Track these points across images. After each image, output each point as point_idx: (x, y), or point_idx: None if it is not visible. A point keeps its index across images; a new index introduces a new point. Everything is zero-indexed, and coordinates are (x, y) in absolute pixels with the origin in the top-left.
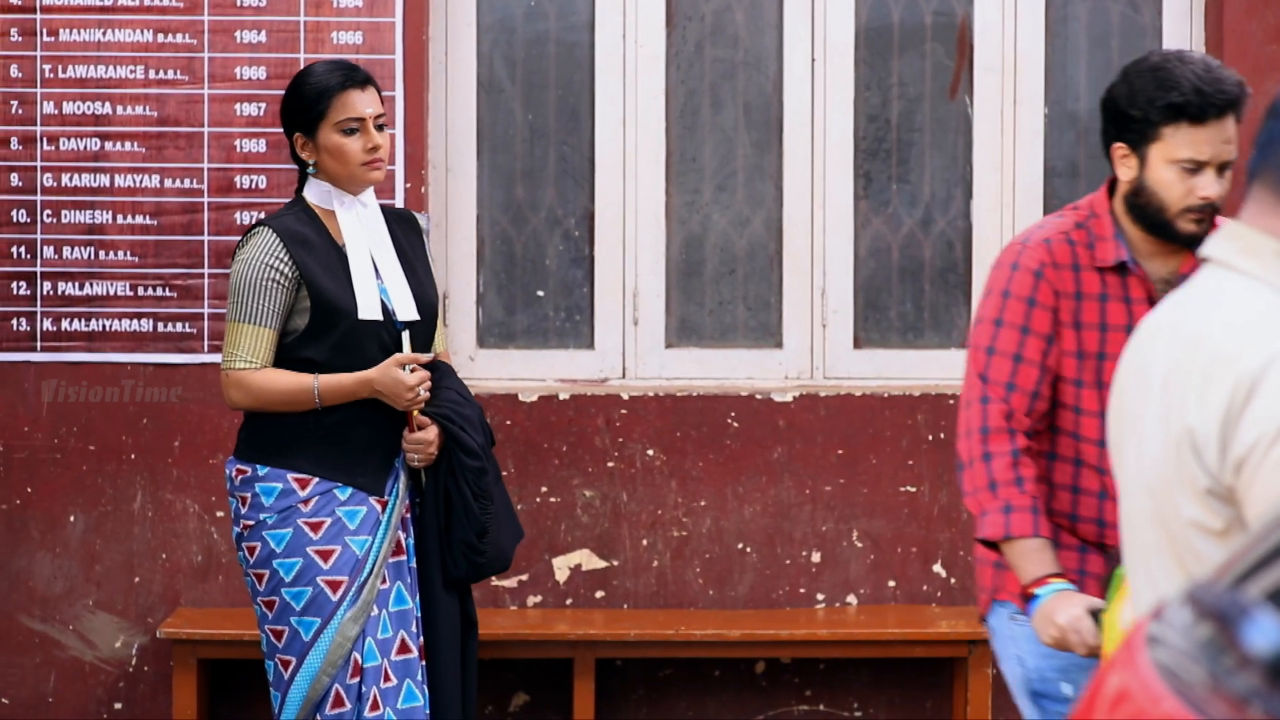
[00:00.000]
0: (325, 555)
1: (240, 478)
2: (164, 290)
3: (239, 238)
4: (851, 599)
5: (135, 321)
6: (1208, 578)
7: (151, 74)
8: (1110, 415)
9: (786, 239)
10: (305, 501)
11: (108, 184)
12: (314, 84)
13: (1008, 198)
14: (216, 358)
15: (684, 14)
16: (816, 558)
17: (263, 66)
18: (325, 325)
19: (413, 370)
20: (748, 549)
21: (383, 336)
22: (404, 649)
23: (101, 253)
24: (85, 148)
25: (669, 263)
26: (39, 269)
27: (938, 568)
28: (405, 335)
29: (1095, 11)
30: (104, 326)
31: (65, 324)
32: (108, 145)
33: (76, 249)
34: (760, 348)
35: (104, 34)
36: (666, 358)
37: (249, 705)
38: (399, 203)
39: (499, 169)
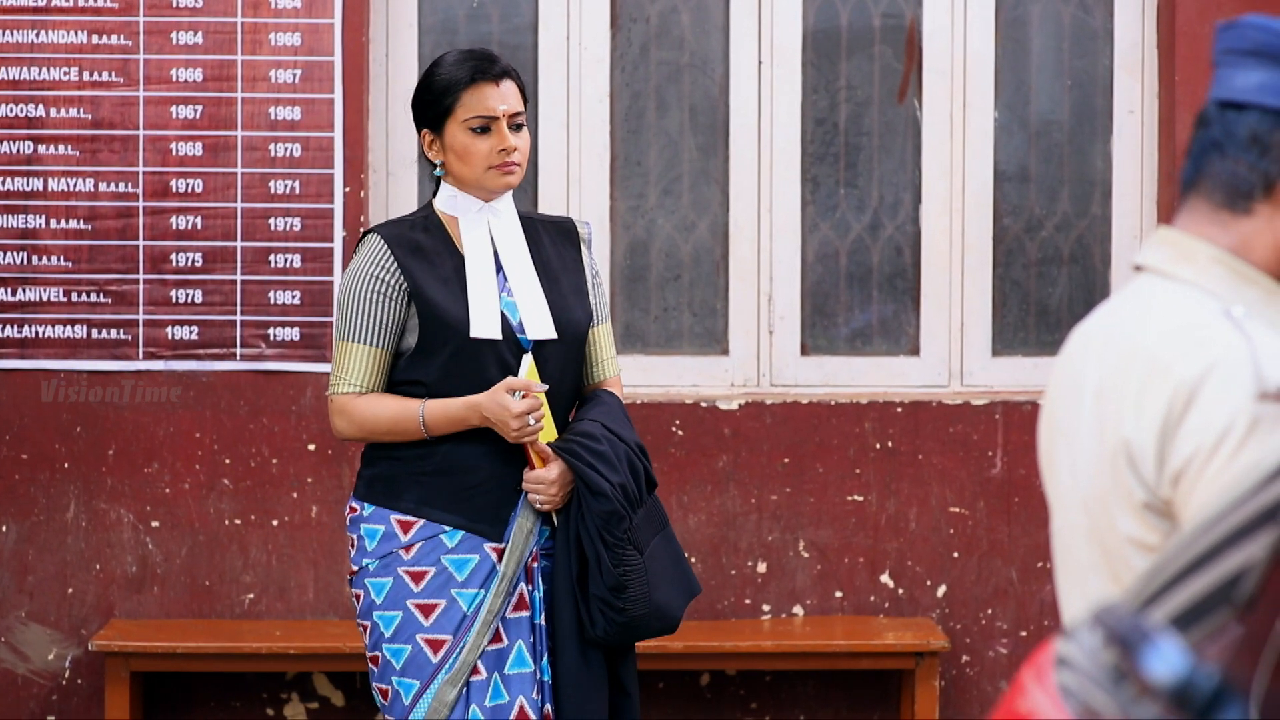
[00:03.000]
0: (427, 610)
1: (350, 516)
2: (98, 296)
3: (175, 243)
4: (798, 610)
5: (68, 328)
6: (1117, 600)
7: (85, 76)
8: (1041, 426)
9: (733, 244)
10: (407, 548)
11: (40, 188)
12: (442, 76)
13: (957, 202)
14: (151, 365)
15: (629, 16)
16: (762, 568)
17: (199, 68)
18: (434, 343)
19: (523, 397)
20: (692, 559)
21: (505, 358)
22: (522, 717)
23: (34, 258)
24: (18, 151)
25: (613, 268)
26: None
27: (885, 578)
28: (527, 358)
29: (1046, 14)
30: (36, 333)
31: None
32: (40, 149)
33: (8, 254)
34: (706, 355)
35: (37, 35)
36: None
37: (183, 718)
38: (338, 207)
39: None
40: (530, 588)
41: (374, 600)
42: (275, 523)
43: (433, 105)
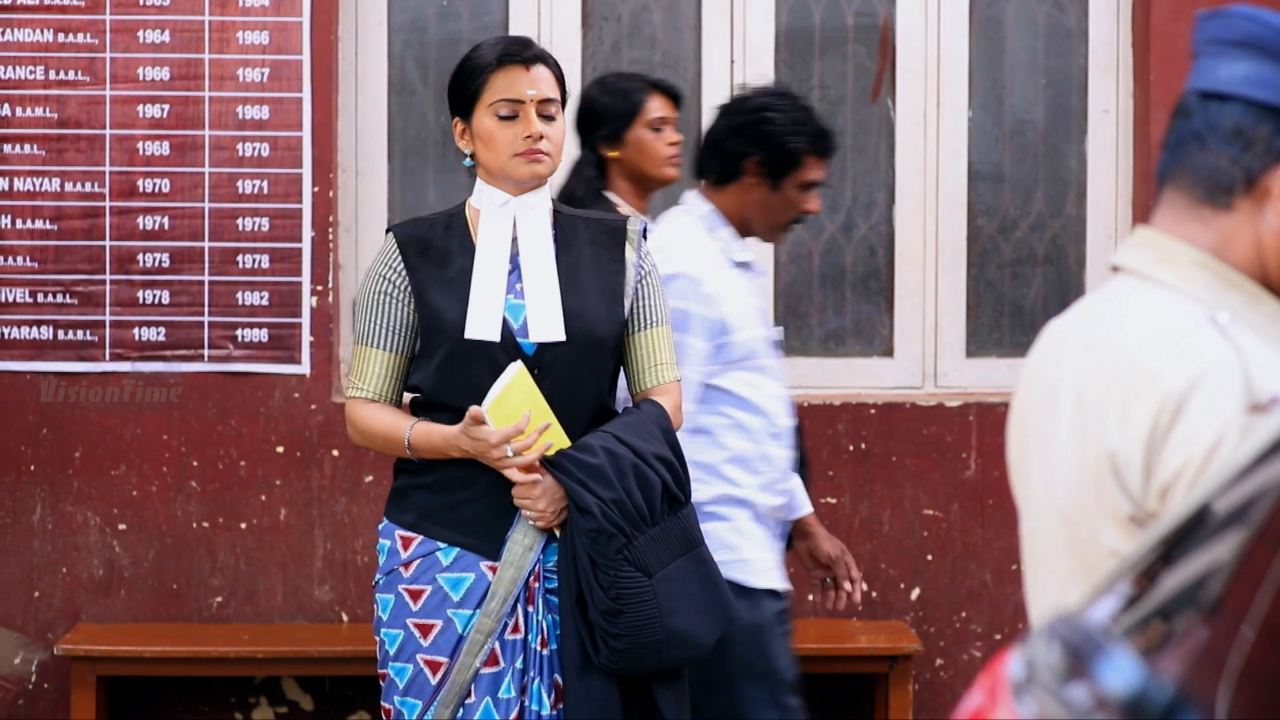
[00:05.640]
0: (425, 630)
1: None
2: (64, 297)
3: (142, 243)
4: None
5: (35, 329)
6: (1073, 609)
7: (52, 74)
8: (1011, 428)
9: None
10: (406, 565)
11: (6, 188)
12: (472, 60)
13: (930, 202)
14: (118, 366)
15: (600, 14)
16: None
17: (166, 67)
18: (430, 346)
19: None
20: None
21: (499, 362)
22: None
23: (0, 258)
24: None
25: None
26: None
27: None
28: (513, 366)
29: (1020, 13)
30: (2, 334)
31: None
32: (6, 148)
33: None
34: None
35: (2, 34)
36: None
37: None
38: (306, 207)
39: (411, 172)
40: (531, 608)
41: (381, 617)
42: (243, 525)
43: (461, 90)
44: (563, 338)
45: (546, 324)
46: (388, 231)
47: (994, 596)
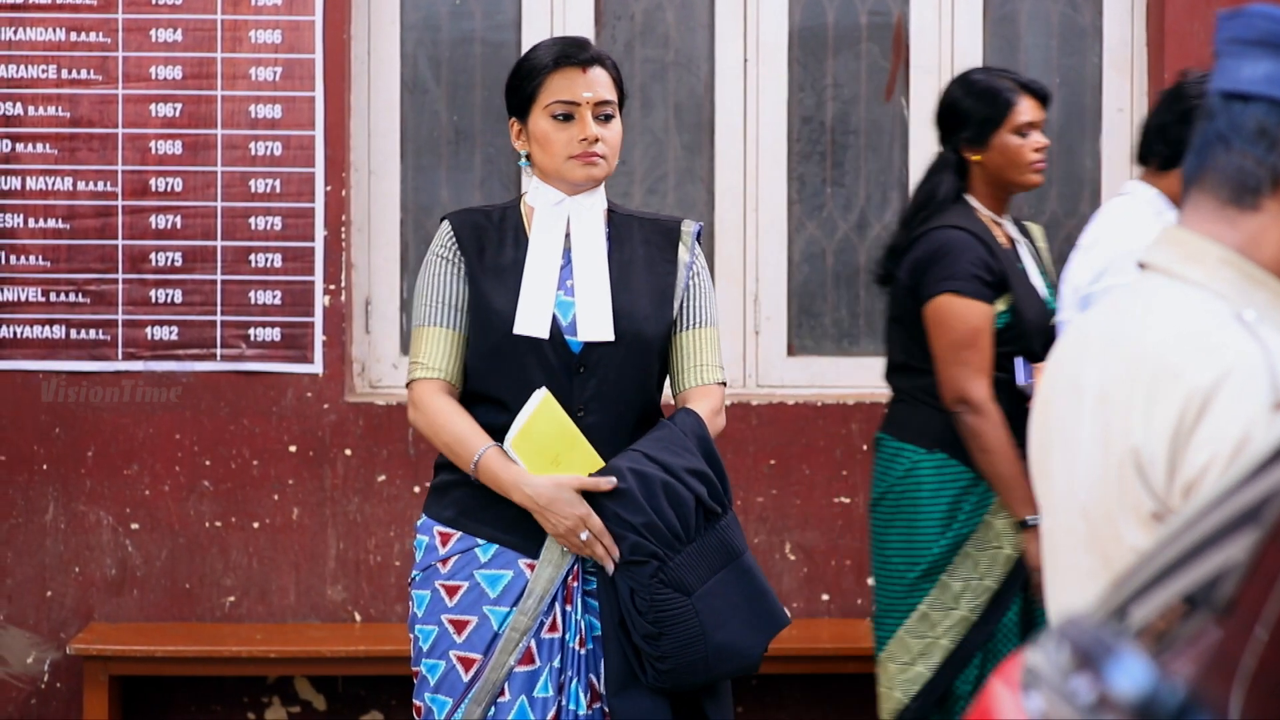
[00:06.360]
0: (459, 626)
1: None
2: (77, 296)
3: (155, 242)
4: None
5: (47, 328)
6: (1084, 611)
7: (64, 74)
8: (1033, 426)
9: (718, 244)
10: (444, 561)
11: (18, 187)
12: (529, 61)
13: None
14: (130, 365)
15: (613, 13)
16: None
17: (178, 66)
18: (480, 332)
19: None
20: None
21: (547, 358)
22: None
23: (12, 257)
24: None
25: None
26: None
27: (872, 580)
28: (539, 393)
29: (1034, 11)
30: (15, 333)
31: None
32: (19, 147)
33: None
34: None
35: (15, 32)
36: None
37: None
38: (319, 206)
39: (423, 171)
40: (569, 608)
41: (415, 613)
42: (256, 525)
43: (517, 91)
44: (611, 337)
45: (595, 323)
46: (443, 219)
47: None
